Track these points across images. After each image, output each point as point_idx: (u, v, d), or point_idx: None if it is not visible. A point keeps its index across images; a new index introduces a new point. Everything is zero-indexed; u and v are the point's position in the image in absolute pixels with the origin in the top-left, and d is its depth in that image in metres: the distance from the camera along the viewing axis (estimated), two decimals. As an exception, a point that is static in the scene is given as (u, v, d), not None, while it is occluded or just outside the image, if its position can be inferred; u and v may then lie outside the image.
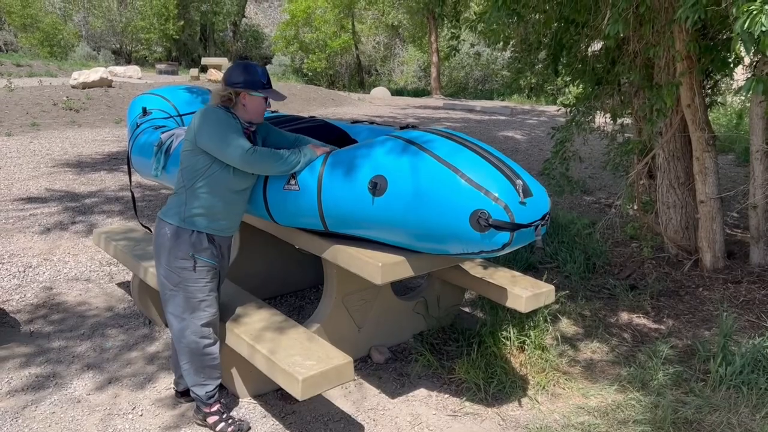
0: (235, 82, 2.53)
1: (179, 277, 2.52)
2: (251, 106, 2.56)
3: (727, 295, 4.23)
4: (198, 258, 2.52)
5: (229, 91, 2.54)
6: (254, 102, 2.56)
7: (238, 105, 2.55)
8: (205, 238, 2.54)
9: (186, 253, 2.50)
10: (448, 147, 2.37)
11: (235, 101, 2.55)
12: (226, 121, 2.47)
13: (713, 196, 4.60)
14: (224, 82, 2.56)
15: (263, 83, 2.56)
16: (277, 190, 2.67)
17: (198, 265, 2.52)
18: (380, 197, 2.38)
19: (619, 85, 5.30)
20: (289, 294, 4.06)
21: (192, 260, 2.51)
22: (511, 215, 2.21)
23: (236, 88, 2.53)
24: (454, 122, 13.24)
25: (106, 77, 12.68)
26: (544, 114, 16.25)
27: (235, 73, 2.54)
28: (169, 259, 2.51)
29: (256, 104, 2.57)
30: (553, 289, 3.25)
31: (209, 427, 2.65)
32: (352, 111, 14.86)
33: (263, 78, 2.56)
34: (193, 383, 2.64)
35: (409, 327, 3.51)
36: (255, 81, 2.53)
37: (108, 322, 3.59)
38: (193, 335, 2.57)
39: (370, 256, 2.53)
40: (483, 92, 24.63)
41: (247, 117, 2.58)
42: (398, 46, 29.25)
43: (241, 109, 2.56)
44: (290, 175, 2.63)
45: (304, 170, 2.61)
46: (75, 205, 5.62)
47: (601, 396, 3.03)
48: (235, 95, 2.54)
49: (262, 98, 2.58)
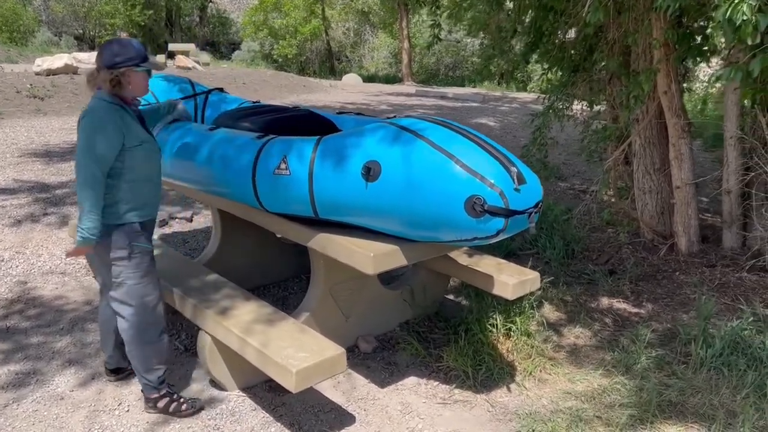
0: (118, 62, 2.39)
1: (119, 267, 2.48)
2: (136, 81, 2.45)
3: (703, 279, 4.32)
4: (135, 245, 2.48)
5: (115, 74, 2.39)
6: (139, 77, 2.45)
7: (122, 85, 2.42)
8: (139, 226, 2.51)
9: (123, 244, 2.46)
10: (443, 134, 2.35)
11: (123, 82, 2.42)
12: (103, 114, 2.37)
13: (689, 182, 4.68)
14: (102, 65, 2.40)
15: (144, 56, 2.46)
16: (266, 175, 2.63)
17: (134, 252, 2.48)
18: (373, 183, 2.36)
19: (594, 73, 5.35)
20: (271, 285, 4.01)
21: (129, 248, 2.47)
22: (506, 201, 2.21)
23: (120, 68, 2.39)
24: (427, 109, 13.22)
25: (71, 64, 12.31)
26: (516, 101, 16.33)
27: (113, 52, 2.40)
28: (111, 254, 2.46)
29: (140, 79, 2.46)
30: (539, 276, 3.27)
31: (162, 411, 2.64)
32: (324, 98, 14.72)
33: (141, 50, 2.45)
34: (144, 370, 2.60)
35: (396, 316, 3.51)
36: (137, 55, 2.42)
37: (87, 316, 3.51)
38: (143, 321, 2.55)
39: (361, 246, 2.51)
40: (454, 79, 24.64)
41: (133, 93, 2.48)
42: (368, 32, 29.03)
43: (127, 88, 2.44)
44: (281, 160, 2.59)
45: (293, 155, 2.57)
46: (46, 196, 5.46)
47: (587, 381, 3.07)
48: (120, 75, 2.41)
49: (145, 73, 2.48)
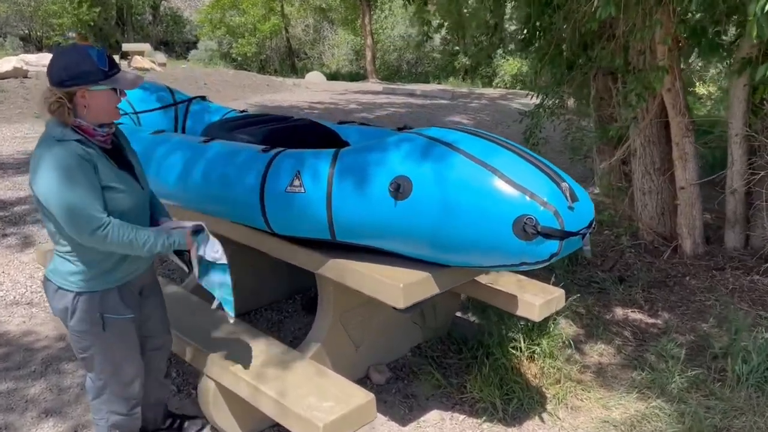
0: (64, 79, 1.81)
1: (88, 341, 2.01)
2: (95, 104, 1.86)
3: (714, 284, 4.15)
4: (107, 317, 1.98)
5: (58, 95, 1.82)
6: (99, 98, 1.86)
7: (77, 108, 1.85)
8: (116, 293, 2.00)
9: (93, 315, 1.96)
10: (480, 145, 2.07)
11: (72, 105, 1.84)
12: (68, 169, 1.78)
13: (693, 182, 4.51)
14: (49, 80, 1.84)
15: (104, 70, 1.84)
16: (277, 193, 2.30)
17: (108, 324, 1.99)
18: (403, 201, 2.06)
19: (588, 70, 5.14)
20: (263, 308, 3.67)
21: (101, 321, 1.97)
22: (561, 221, 1.94)
23: (67, 88, 1.82)
24: (397, 107, 12.93)
25: (21, 66, 11.59)
26: (484, 97, 16.16)
27: (61, 66, 1.81)
28: (73, 327, 1.98)
29: (102, 100, 1.87)
30: (564, 294, 3.03)
31: None
32: (290, 98, 14.28)
33: (101, 62, 1.83)
34: None
35: (406, 341, 3.21)
36: (92, 70, 1.82)
37: (62, 354, 3.10)
38: (114, 398, 2.11)
39: (386, 275, 2.21)
40: (417, 75, 24.40)
41: (94, 119, 1.88)
42: (327, 29, 28.55)
43: (83, 111, 1.85)
44: (294, 176, 2.26)
45: (307, 171, 2.25)
46: (2, 215, 4.97)
47: (623, 406, 2.84)
48: (67, 97, 1.82)
49: (110, 90, 1.88)
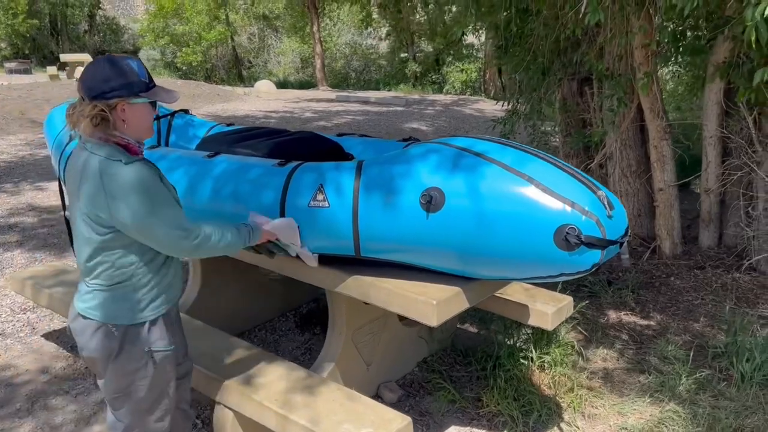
0: (106, 91, 1.67)
1: (130, 380, 1.84)
2: (135, 118, 1.74)
3: (698, 283, 4.22)
4: (156, 351, 1.85)
5: (100, 107, 1.68)
6: (139, 112, 1.74)
7: (116, 124, 1.72)
8: (161, 322, 1.86)
9: (142, 350, 1.82)
10: (513, 154, 2.00)
11: (113, 119, 1.71)
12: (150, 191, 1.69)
13: (671, 184, 4.59)
14: (87, 93, 1.69)
15: (146, 82, 1.74)
16: (300, 209, 2.17)
17: (157, 359, 1.86)
18: (436, 213, 1.98)
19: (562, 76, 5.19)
20: (257, 327, 3.51)
21: (150, 356, 1.84)
22: (603, 230, 1.89)
23: (110, 99, 1.68)
24: (354, 114, 12.84)
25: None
26: (436, 103, 16.26)
27: (102, 77, 1.68)
28: (116, 366, 1.81)
29: (142, 114, 1.75)
30: (572, 301, 3.00)
31: None
32: (243, 107, 14.00)
33: (142, 73, 1.73)
34: None
35: (413, 355, 3.12)
36: (135, 81, 1.71)
37: (47, 389, 2.86)
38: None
39: (418, 292, 2.10)
40: (366, 82, 24.39)
41: (134, 135, 1.76)
42: (272, 37, 28.21)
43: (121, 126, 1.72)
44: (317, 190, 2.14)
45: (330, 184, 2.14)
46: (-44, 237, 4.62)
47: (637, 411, 2.82)
48: (109, 110, 1.70)
49: (149, 104, 1.77)
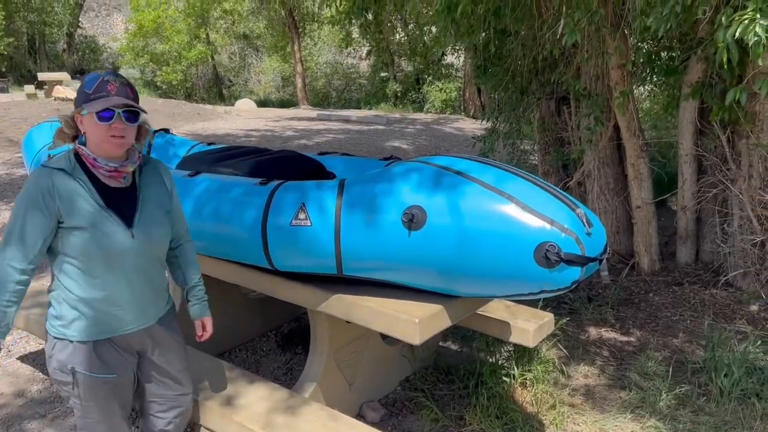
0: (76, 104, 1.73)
1: (65, 392, 1.79)
2: (88, 130, 1.70)
3: (676, 299, 4.27)
4: (78, 372, 1.73)
5: (66, 118, 1.75)
6: (87, 124, 1.70)
7: (85, 136, 1.74)
8: (90, 347, 1.74)
9: (64, 367, 1.74)
10: (494, 173, 2.03)
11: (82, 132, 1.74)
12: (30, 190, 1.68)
13: (649, 201, 4.66)
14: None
15: (87, 92, 1.68)
16: (281, 228, 2.17)
17: (79, 380, 1.74)
18: (417, 231, 1.99)
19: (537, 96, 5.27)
20: (238, 348, 3.47)
21: (71, 375, 1.73)
22: (583, 247, 1.91)
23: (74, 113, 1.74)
24: (335, 133, 12.88)
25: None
26: (417, 122, 16.37)
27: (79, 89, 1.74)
28: (51, 373, 1.78)
29: (88, 126, 1.69)
30: (553, 318, 3.02)
31: None
32: (223, 125, 13.96)
33: (88, 85, 1.68)
34: None
35: (396, 374, 3.11)
36: (81, 92, 1.70)
37: (23, 412, 2.80)
38: None
39: (400, 310, 2.11)
40: (347, 101, 24.51)
41: (93, 149, 1.72)
42: (252, 56, 28.28)
43: (88, 139, 1.73)
44: (299, 208, 2.14)
45: (312, 203, 2.14)
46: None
47: (619, 428, 2.83)
48: (75, 123, 1.74)
49: (93, 115, 1.67)
